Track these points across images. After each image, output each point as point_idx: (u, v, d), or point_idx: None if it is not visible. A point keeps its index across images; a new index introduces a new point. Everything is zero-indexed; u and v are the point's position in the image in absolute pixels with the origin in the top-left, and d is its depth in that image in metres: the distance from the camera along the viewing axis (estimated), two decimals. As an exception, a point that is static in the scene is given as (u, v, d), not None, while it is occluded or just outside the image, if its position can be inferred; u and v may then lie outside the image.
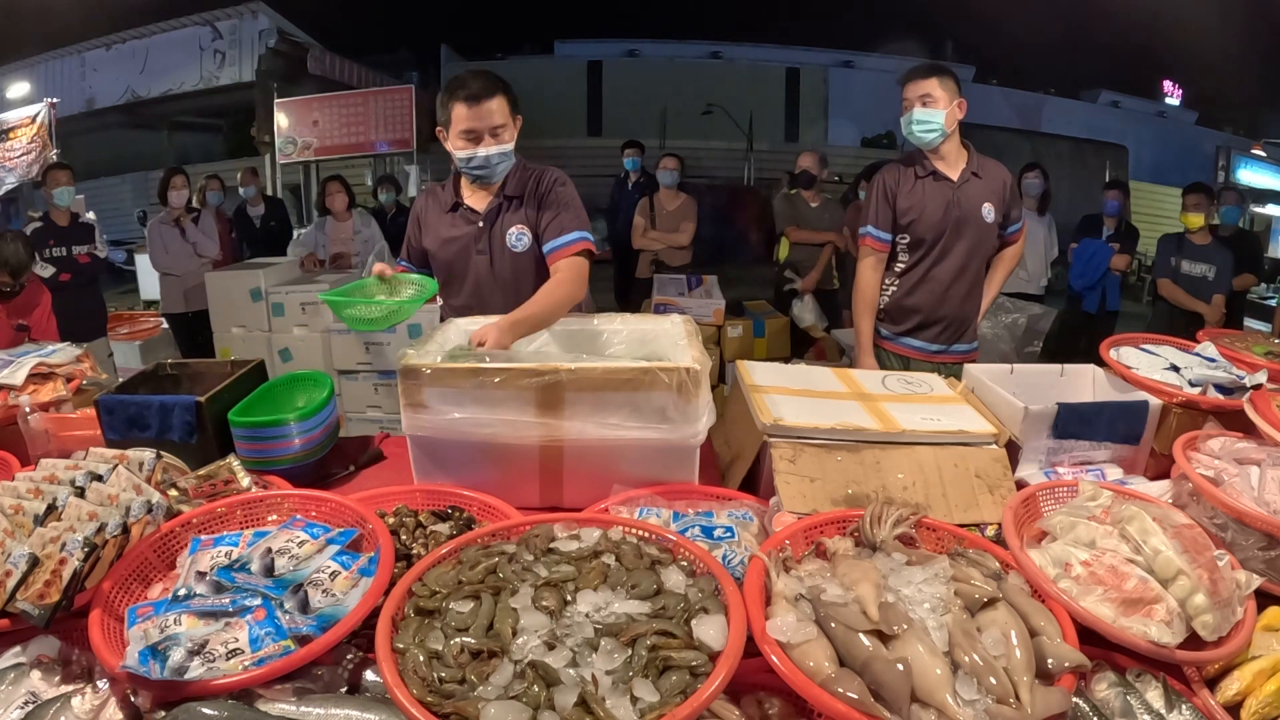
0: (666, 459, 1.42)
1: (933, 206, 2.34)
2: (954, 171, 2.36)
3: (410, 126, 6.60)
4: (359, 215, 4.89)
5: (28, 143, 5.23)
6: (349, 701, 0.92)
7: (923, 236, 2.36)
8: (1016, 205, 2.46)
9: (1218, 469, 1.33)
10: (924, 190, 2.35)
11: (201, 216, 4.72)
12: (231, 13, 7.94)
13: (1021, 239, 2.52)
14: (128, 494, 1.20)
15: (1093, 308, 4.82)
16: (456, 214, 1.98)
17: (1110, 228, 4.81)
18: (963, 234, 2.35)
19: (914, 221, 2.36)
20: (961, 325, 2.45)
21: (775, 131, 15.19)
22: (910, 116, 2.28)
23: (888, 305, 2.48)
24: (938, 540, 1.20)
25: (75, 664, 1.03)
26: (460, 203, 1.97)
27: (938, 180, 2.35)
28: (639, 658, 0.88)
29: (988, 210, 2.35)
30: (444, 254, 1.98)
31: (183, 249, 4.58)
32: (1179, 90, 16.19)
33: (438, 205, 2.01)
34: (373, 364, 3.85)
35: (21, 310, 3.28)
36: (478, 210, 1.96)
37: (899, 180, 2.38)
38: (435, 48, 14.95)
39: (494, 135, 1.84)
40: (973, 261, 2.40)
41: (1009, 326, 3.53)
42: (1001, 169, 2.44)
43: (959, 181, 2.35)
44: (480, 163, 1.86)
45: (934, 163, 2.36)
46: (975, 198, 2.34)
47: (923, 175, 2.36)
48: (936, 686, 0.85)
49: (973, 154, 2.39)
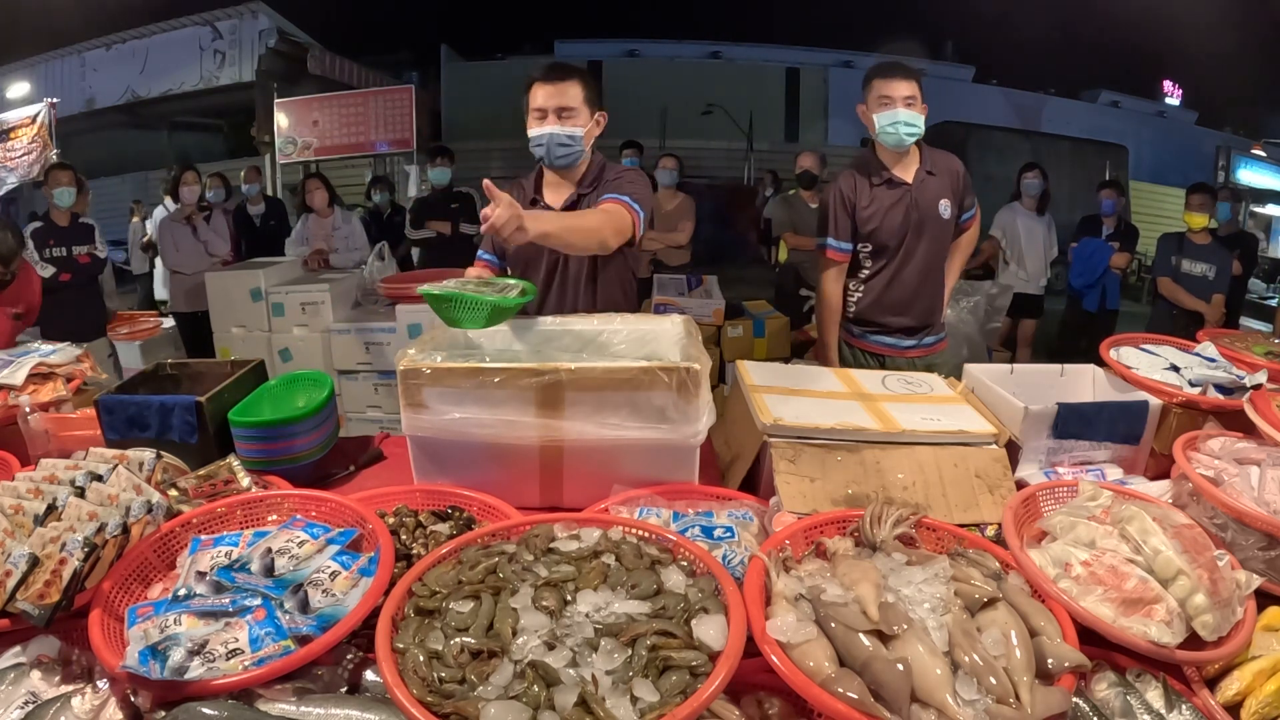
0: (666, 459, 1.42)
1: (892, 212, 2.35)
2: (909, 173, 2.36)
3: (410, 126, 6.61)
4: (340, 212, 4.87)
5: (28, 143, 5.23)
6: (349, 701, 0.92)
7: (885, 243, 2.37)
8: (969, 193, 2.45)
9: (1218, 469, 1.33)
10: (882, 197, 2.36)
11: (213, 215, 4.70)
12: (231, 13, 7.94)
13: (975, 225, 2.53)
14: (128, 494, 1.20)
15: (1093, 307, 4.82)
16: (535, 209, 1.95)
17: (1109, 227, 4.82)
18: (923, 234, 2.37)
19: (875, 230, 2.36)
20: (929, 318, 2.48)
21: (775, 131, 15.21)
22: (897, 117, 2.24)
23: (857, 312, 2.48)
24: (938, 540, 1.20)
25: (75, 664, 1.03)
26: (539, 199, 1.96)
27: (894, 186, 2.35)
28: (639, 658, 0.88)
29: (944, 206, 2.37)
30: (520, 248, 1.93)
31: (194, 247, 4.57)
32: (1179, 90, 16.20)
33: (520, 198, 1.96)
34: (373, 364, 3.84)
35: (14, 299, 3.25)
36: (553, 207, 1.94)
37: (855, 189, 2.37)
38: (435, 48, 14.96)
39: (560, 116, 1.82)
40: (935, 259, 2.43)
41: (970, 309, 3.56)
42: (953, 159, 2.43)
43: (915, 183, 2.35)
44: (540, 140, 1.83)
45: (890, 167, 2.36)
46: (932, 196, 2.36)
47: (879, 183, 2.36)
48: (936, 686, 0.85)
49: (924, 151, 2.38)
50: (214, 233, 4.64)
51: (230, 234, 4.80)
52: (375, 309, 4.01)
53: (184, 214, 4.56)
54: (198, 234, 4.58)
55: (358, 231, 4.81)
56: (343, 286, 4.01)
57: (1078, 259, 4.87)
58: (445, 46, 15.08)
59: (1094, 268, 4.77)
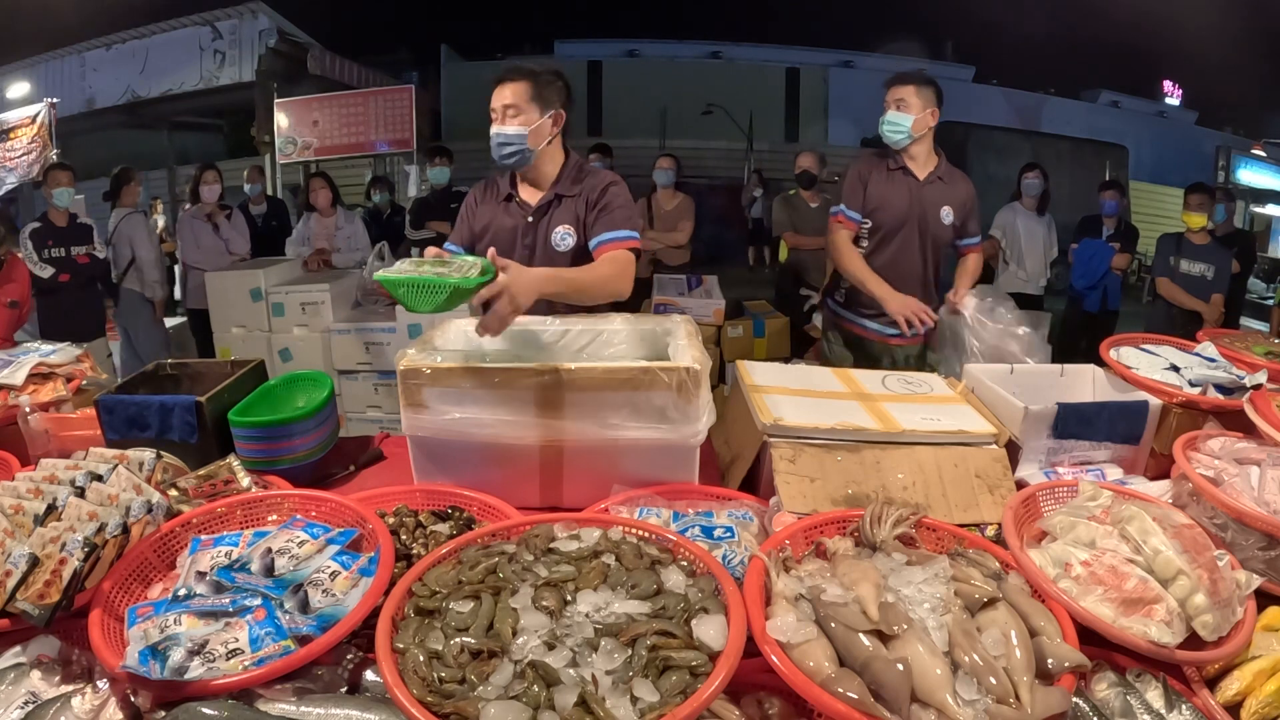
0: (666, 459, 1.42)
1: (897, 197, 2.54)
2: (921, 172, 2.56)
3: (410, 126, 6.60)
4: (343, 212, 4.89)
5: (28, 143, 5.23)
6: (349, 701, 0.92)
7: (884, 223, 2.55)
8: (975, 219, 2.65)
9: (1218, 469, 1.33)
10: (892, 182, 2.56)
11: (234, 214, 4.72)
12: (231, 13, 7.93)
13: (978, 255, 2.67)
14: (128, 494, 1.20)
15: (1093, 308, 4.82)
16: (509, 205, 1.99)
17: (1110, 227, 4.82)
18: (921, 228, 2.55)
19: (878, 208, 2.55)
20: None
21: (775, 131, 15.22)
22: (888, 118, 2.49)
23: (849, 290, 2.64)
24: (938, 540, 1.20)
25: (75, 664, 1.02)
26: (514, 195, 1.99)
27: (905, 175, 2.55)
28: (639, 658, 0.88)
29: (946, 212, 2.56)
30: (489, 243, 1.96)
31: (214, 244, 4.58)
32: (1179, 90, 16.22)
33: (493, 194, 2.03)
34: (373, 364, 3.84)
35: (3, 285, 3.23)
36: (529, 204, 1.97)
37: (871, 170, 2.58)
38: (435, 48, 14.98)
39: (509, 116, 1.86)
40: (929, 256, 2.59)
41: None
42: (966, 181, 2.65)
43: (924, 181, 2.55)
44: (491, 138, 1.88)
45: (906, 161, 2.55)
46: (937, 198, 2.55)
47: (893, 169, 2.57)
48: (936, 686, 0.85)
49: (942, 161, 2.59)
50: (235, 231, 4.66)
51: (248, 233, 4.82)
52: (375, 309, 4.01)
53: (204, 211, 4.58)
54: (219, 232, 4.60)
55: (360, 232, 4.83)
56: (343, 286, 4.02)
57: (1078, 260, 4.87)
58: (445, 46, 15.09)
59: (1095, 269, 4.78)
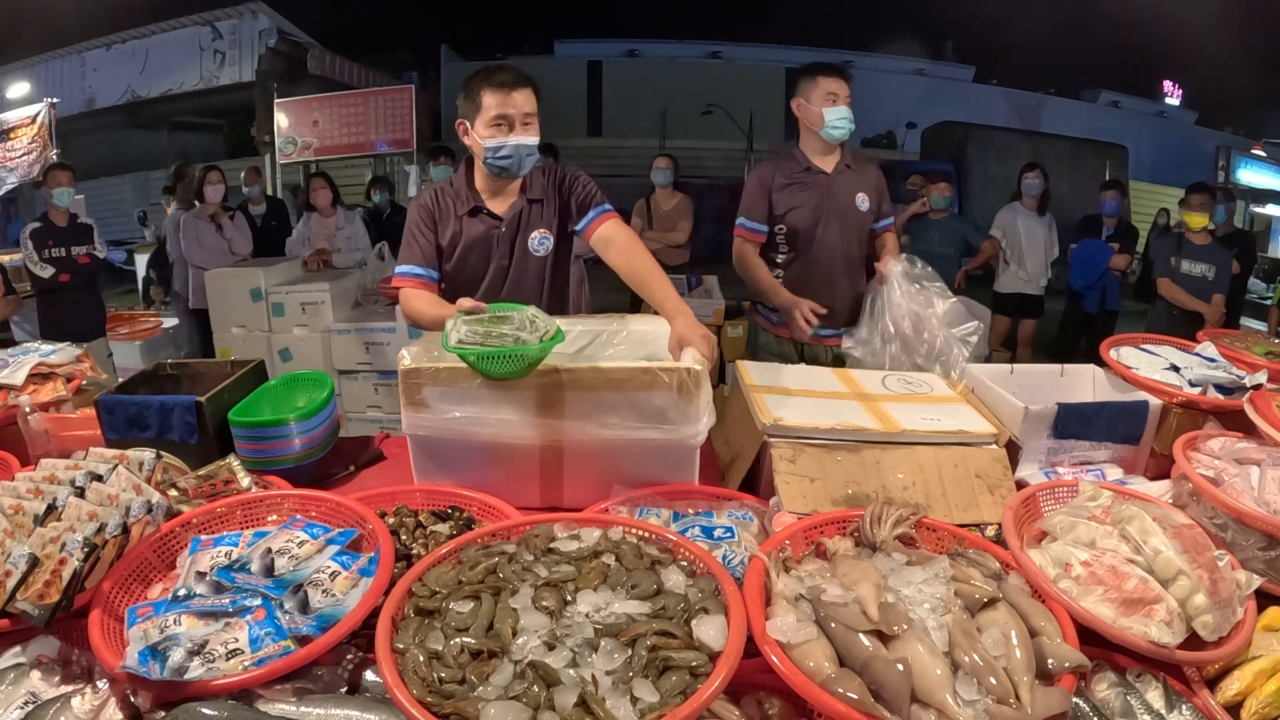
0: (666, 459, 1.42)
1: (808, 197, 2.48)
2: (829, 165, 2.49)
3: (410, 126, 6.59)
4: (343, 212, 4.89)
5: (28, 143, 5.22)
6: (349, 701, 0.92)
7: (801, 225, 2.48)
8: (886, 201, 2.60)
9: (1218, 469, 1.33)
10: (800, 184, 2.49)
11: (237, 214, 4.72)
12: (231, 13, 7.93)
13: (892, 235, 2.63)
14: (128, 494, 1.20)
15: (1093, 308, 4.82)
16: (477, 218, 1.91)
17: (1110, 227, 4.82)
18: (837, 222, 2.48)
19: (791, 210, 2.48)
20: (850, 307, 2.51)
21: (775, 131, 15.19)
22: (843, 113, 2.39)
23: None
24: (938, 540, 1.20)
25: (75, 664, 1.03)
26: (481, 206, 1.91)
27: (813, 174, 2.49)
28: (639, 658, 0.88)
29: (861, 200, 2.50)
30: (462, 256, 1.92)
31: (217, 244, 4.58)
32: (1179, 90, 16.22)
33: (455, 206, 1.92)
34: (373, 364, 3.85)
35: None
36: (499, 215, 1.90)
37: (774, 175, 2.50)
38: (435, 48, 14.98)
39: (524, 125, 1.80)
40: (851, 248, 2.52)
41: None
42: (873, 165, 2.61)
43: (833, 174, 2.49)
44: (509, 152, 1.79)
45: (811, 157, 2.49)
46: (849, 188, 2.49)
47: (799, 170, 2.50)
48: (936, 686, 0.85)
49: (845, 149, 2.53)
50: (238, 231, 4.66)
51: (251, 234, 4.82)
52: (375, 309, 4.01)
53: (208, 212, 4.58)
54: (223, 232, 4.60)
55: (360, 232, 4.83)
56: (343, 286, 4.02)
57: (1078, 260, 4.87)
58: (445, 46, 15.09)
59: (1094, 269, 4.78)
